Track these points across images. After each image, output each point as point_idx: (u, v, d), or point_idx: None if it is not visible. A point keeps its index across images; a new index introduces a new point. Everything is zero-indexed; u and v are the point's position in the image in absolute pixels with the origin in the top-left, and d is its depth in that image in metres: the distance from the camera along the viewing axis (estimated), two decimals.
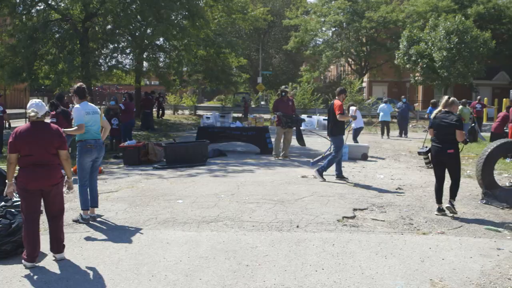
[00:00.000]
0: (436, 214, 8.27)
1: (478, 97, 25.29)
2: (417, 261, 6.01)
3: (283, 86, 15.98)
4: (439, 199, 8.42)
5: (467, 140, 9.25)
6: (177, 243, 6.57)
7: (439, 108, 8.50)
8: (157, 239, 6.75)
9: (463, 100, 19.59)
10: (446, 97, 8.59)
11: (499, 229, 7.58)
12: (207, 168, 13.19)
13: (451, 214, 8.18)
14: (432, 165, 8.76)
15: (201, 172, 12.48)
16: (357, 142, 16.79)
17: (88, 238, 6.85)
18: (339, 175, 11.66)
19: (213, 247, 6.40)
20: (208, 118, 17.27)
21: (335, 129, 11.54)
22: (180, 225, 7.41)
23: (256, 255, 6.12)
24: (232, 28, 46.31)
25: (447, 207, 8.21)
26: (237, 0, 34.85)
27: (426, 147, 8.78)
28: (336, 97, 11.69)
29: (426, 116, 24.66)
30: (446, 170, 8.40)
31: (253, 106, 45.60)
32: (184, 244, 6.50)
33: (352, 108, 15.99)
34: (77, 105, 7.69)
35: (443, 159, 8.26)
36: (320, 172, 11.48)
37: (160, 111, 33.31)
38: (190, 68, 37.43)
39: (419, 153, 8.99)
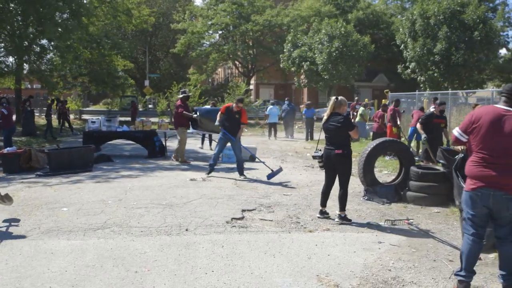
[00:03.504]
0: (318, 217, 8.30)
1: (356, 98, 26.42)
2: (304, 258, 6.17)
3: (185, 89, 15.79)
4: (323, 203, 8.38)
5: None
6: (62, 252, 6.31)
7: (328, 110, 8.24)
8: (41, 249, 6.45)
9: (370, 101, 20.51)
10: (333, 98, 8.29)
11: (380, 223, 7.96)
12: (93, 173, 12.81)
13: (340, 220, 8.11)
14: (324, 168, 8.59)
15: (87, 178, 12.09)
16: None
17: None
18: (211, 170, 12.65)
19: (101, 255, 6.21)
20: (93, 122, 16.72)
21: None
22: (65, 234, 7.13)
23: (145, 260, 6.01)
24: (117, 31, 45.38)
25: (337, 221, 8.03)
26: (122, 2, 34.20)
27: (320, 150, 8.80)
28: (237, 104, 12.55)
29: (303, 117, 25.44)
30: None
31: (141, 109, 44.91)
32: (69, 254, 6.26)
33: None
34: None
35: (333, 162, 8.10)
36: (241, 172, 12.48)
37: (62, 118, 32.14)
38: (75, 70, 36.28)
39: (314, 157, 8.98)
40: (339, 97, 8.26)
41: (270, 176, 12.02)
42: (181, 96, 15.29)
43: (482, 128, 4.99)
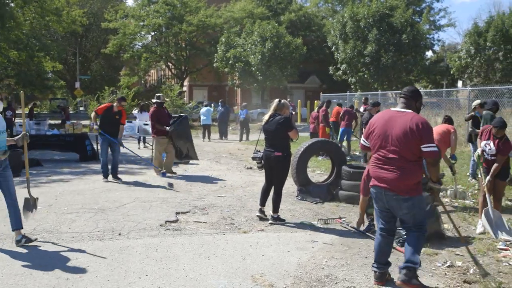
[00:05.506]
0: (258, 216, 8.32)
1: (288, 99, 26.68)
2: (238, 259, 6.19)
3: (160, 94, 13.78)
4: (262, 202, 8.38)
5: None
6: None
7: (270, 112, 8.19)
8: None
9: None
10: (276, 100, 8.29)
11: (314, 222, 8.08)
12: (21, 178, 12.38)
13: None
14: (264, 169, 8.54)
15: (15, 184, 11.65)
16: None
17: None
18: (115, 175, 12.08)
19: (30, 262, 6.03)
20: (21, 125, 16.16)
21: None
22: None
23: (77, 267, 5.88)
24: (46, 31, 44.12)
25: (270, 223, 8.06)
26: (51, 2, 33.29)
27: (259, 151, 8.79)
28: (120, 103, 12.00)
29: (240, 118, 25.46)
30: None
31: (71, 112, 43.92)
32: None
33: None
34: None
35: (272, 164, 8.11)
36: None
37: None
38: (1, 72, 35.09)
39: (253, 158, 8.97)
40: (282, 100, 8.28)
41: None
42: (154, 101, 13.22)
43: (375, 131, 5.29)
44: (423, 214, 5.30)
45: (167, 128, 12.72)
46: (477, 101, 11.29)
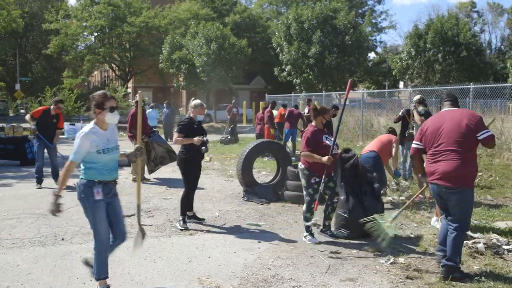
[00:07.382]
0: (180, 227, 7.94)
1: (233, 101, 26.78)
2: (185, 261, 6.17)
3: (147, 98, 12.60)
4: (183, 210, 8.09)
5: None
6: None
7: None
8: None
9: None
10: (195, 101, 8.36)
11: (260, 223, 8.13)
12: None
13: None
14: None
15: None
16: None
17: None
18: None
19: None
20: None
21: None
22: None
23: (18, 274, 5.73)
24: None
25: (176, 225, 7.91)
26: None
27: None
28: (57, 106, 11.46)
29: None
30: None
31: (11, 115, 42.71)
32: None
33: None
34: None
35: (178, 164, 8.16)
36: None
37: None
38: None
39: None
40: (196, 101, 8.36)
41: None
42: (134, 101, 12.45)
43: (428, 130, 5.74)
44: (469, 212, 5.66)
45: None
46: (417, 97, 11.08)
